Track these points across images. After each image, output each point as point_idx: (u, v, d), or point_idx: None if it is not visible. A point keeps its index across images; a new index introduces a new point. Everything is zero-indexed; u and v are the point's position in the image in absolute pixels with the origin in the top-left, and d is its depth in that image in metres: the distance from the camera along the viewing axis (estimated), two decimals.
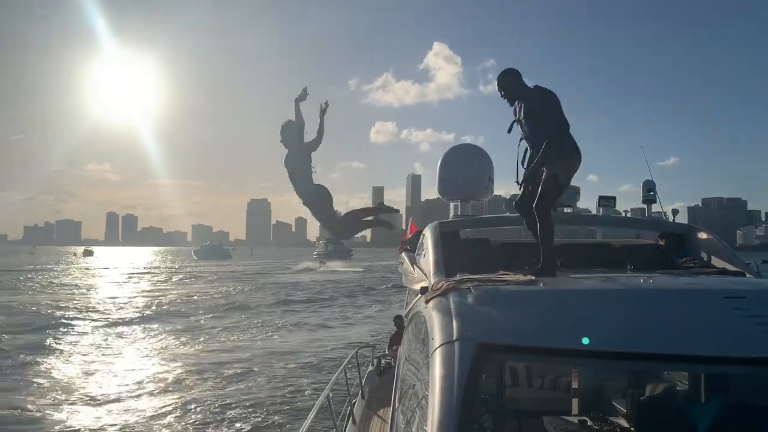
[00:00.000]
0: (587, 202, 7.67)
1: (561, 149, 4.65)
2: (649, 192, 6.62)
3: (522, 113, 4.88)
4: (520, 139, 4.96)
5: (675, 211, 6.38)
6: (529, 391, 6.46)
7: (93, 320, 34.08)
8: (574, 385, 5.85)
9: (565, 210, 6.47)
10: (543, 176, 4.65)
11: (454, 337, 3.08)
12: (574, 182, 5.32)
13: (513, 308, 3.41)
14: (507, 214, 6.73)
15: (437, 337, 3.18)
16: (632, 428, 4.80)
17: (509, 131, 5.06)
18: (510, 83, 5.00)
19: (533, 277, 3.94)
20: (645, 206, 6.72)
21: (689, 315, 3.16)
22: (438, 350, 3.07)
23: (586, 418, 5.23)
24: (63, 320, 33.25)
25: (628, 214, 6.88)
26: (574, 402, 5.80)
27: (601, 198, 6.58)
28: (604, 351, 3.00)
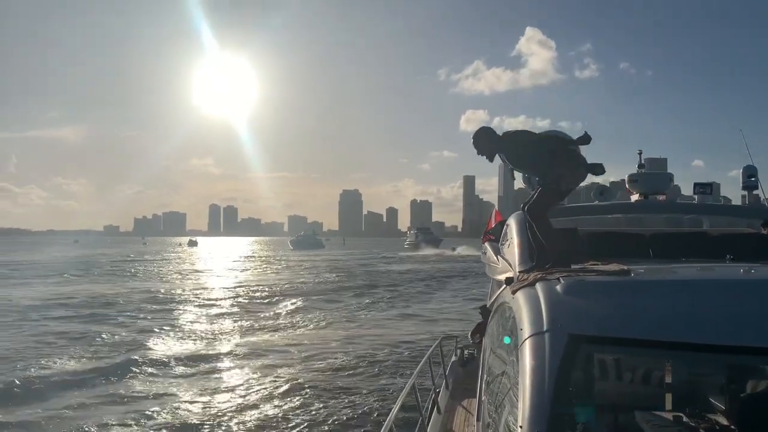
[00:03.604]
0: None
1: (569, 159, 4.65)
2: (750, 178, 6.22)
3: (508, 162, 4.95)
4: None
5: None
6: (619, 384, 6.28)
7: (233, 299, 37.58)
8: (668, 379, 5.61)
9: (659, 198, 6.20)
10: (545, 180, 4.66)
11: (544, 328, 3.04)
12: (670, 168, 5.11)
13: (604, 299, 3.31)
14: (596, 202, 6.54)
15: (526, 328, 3.15)
16: (732, 426, 4.56)
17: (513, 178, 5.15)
18: (480, 141, 5.10)
19: (625, 267, 3.83)
20: (746, 192, 6.32)
21: None
22: (527, 341, 3.04)
23: (681, 414, 5.02)
24: (214, 300, 37.42)
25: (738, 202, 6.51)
26: (667, 397, 5.56)
27: (696, 185, 6.25)
28: (701, 344, 2.88)
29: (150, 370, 18.29)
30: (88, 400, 14.47)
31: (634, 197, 6.60)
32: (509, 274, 4.89)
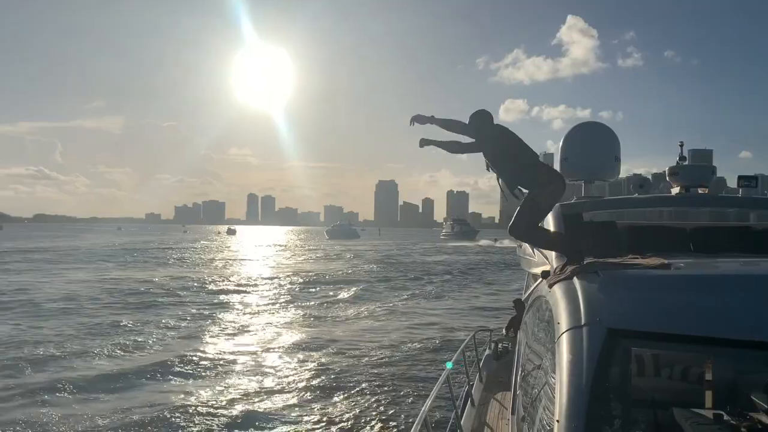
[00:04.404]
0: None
1: (541, 177, 4.65)
2: None
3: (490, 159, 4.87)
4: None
5: None
6: (658, 380, 6.16)
7: (275, 288, 38.18)
8: (708, 376, 5.49)
9: (699, 191, 6.04)
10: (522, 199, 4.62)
11: (582, 322, 3.00)
12: (715, 160, 4.98)
13: (645, 293, 3.25)
14: (635, 195, 6.40)
15: (564, 322, 3.11)
16: None
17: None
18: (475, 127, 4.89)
19: (665, 261, 3.75)
20: None
21: None
22: (565, 335, 3.01)
23: (722, 413, 4.91)
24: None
25: None
26: (708, 394, 5.45)
27: (741, 178, 6.06)
28: (744, 340, 2.82)
29: (209, 354, 18.81)
30: (140, 394, 14.80)
31: (675, 190, 6.46)
32: (545, 268, 4.84)
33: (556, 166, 7.50)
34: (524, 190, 4.79)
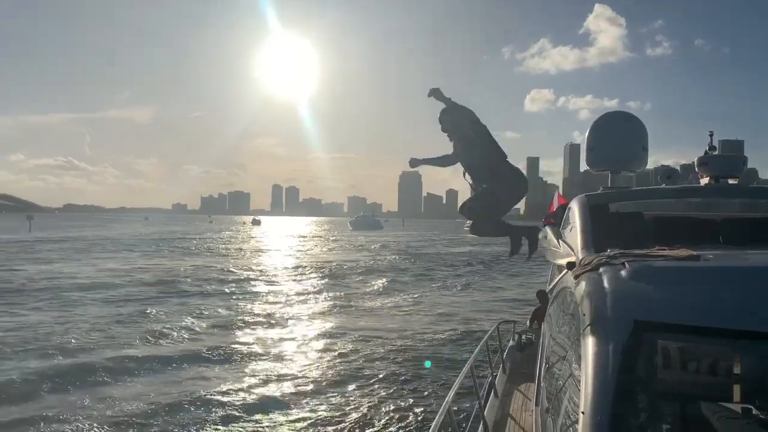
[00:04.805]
0: None
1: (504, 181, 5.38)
2: None
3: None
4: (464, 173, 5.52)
5: None
6: (685, 373, 6.10)
7: (304, 277, 38.80)
8: (736, 369, 5.41)
9: (730, 182, 5.92)
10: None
11: (609, 314, 2.97)
12: (747, 150, 4.89)
13: (673, 285, 3.17)
14: (663, 186, 6.30)
15: (589, 314, 3.07)
16: None
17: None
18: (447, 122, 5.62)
19: (694, 253, 3.70)
20: None
21: None
22: (590, 327, 2.97)
23: (751, 407, 4.84)
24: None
25: None
26: (736, 388, 5.37)
27: None
28: None
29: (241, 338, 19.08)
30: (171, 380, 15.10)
31: (704, 181, 6.34)
32: (571, 259, 4.80)
33: (582, 156, 7.42)
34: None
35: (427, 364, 7.96)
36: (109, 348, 17.86)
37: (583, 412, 2.60)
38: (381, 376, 15.40)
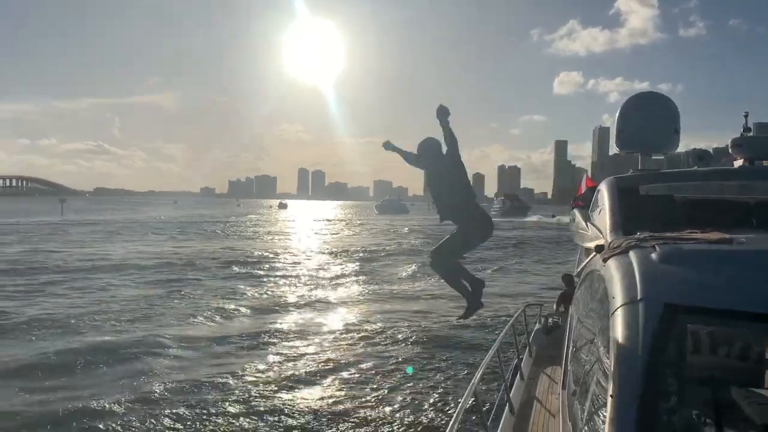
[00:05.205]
0: None
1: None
2: None
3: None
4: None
5: None
6: (715, 358, 6.03)
7: (336, 260, 38.43)
8: None
9: (765, 164, 5.78)
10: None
11: (639, 297, 2.94)
12: None
13: (704, 268, 3.14)
14: (695, 168, 6.18)
15: (618, 297, 3.06)
16: None
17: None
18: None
19: (727, 236, 3.63)
20: None
21: None
22: (620, 310, 2.96)
23: None
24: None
25: None
26: (767, 374, 5.29)
27: None
28: None
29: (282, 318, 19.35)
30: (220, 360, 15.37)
31: (738, 163, 6.20)
32: (600, 242, 4.76)
33: (612, 140, 7.31)
34: None
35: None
36: (140, 328, 18.25)
37: (611, 396, 2.59)
38: (407, 357, 15.47)
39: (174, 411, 11.20)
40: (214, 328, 18.85)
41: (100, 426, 10.54)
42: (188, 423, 10.75)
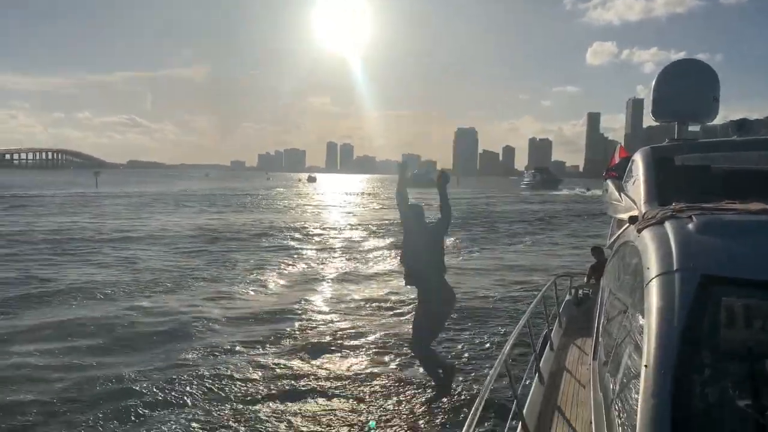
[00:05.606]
0: None
1: None
2: None
3: None
4: None
5: None
6: (752, 331, 5.96)
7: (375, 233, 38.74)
8: None
9: None
10: None
11: (675, 268, 2.91)
12: None
13: (743, 239, 3.09)
14: (734, 138, 6.03)
15: (653, 267, 3.03)
16: None
17: None
18: None
19: (767, 207, 3.55)
20: None
21: None
22: (654, 281, 2.94)
23: None
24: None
25: None
26: None
27: None
28: None
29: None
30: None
31: None
32: (633, 213, 4.71)
33: (646, 111, 7.15)
34: None
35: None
36: (174, 298, 18.66)
37: (645, 366, 2.59)
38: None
39: (205, 377, 11.48)
40: (249, 298, 19.17)
41: (135, 388, 10.90)
42: (222, 390, 11.01)
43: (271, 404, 10.38)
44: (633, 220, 4.35)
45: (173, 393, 10.73)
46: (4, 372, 11.59)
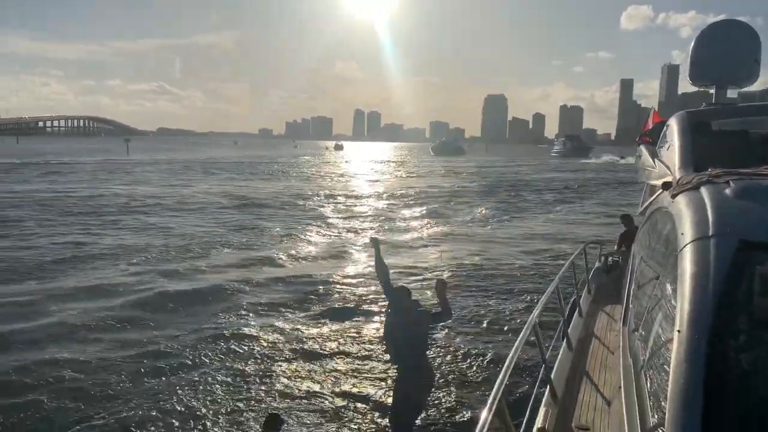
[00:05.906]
0: None
1: None
2: None
3: None
4: None
5: None
6: None
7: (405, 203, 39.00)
8: None
9: None
10: None
11: (711, 233, 2.85)
12: None
13: None
14: None
15: (688, 233, 2.97)
16: None
17: None
18: None
19: None
20: None
21: None
22: (689, 246, 2.88)
23: None
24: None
25: None
26: None
27: None
28: None
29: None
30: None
31: None
32: (668, 179, 4.62)
33: (683, 74, 6.95)
34: None
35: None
36: (204, 265, 18.95)
37: (678, 331, 2.55)
38: (468, 294, 15.59)
39: (231, 337, 11.77)
40: (277, 264, 19.40)
41: (165, 348, 11.22)
42: (247, 350, 11.26)
43: (296, 364, 10.63)
44: (667, 186, 4.26)
45: (202, 354, 11.01)
46: (45, 331, 12.05)
